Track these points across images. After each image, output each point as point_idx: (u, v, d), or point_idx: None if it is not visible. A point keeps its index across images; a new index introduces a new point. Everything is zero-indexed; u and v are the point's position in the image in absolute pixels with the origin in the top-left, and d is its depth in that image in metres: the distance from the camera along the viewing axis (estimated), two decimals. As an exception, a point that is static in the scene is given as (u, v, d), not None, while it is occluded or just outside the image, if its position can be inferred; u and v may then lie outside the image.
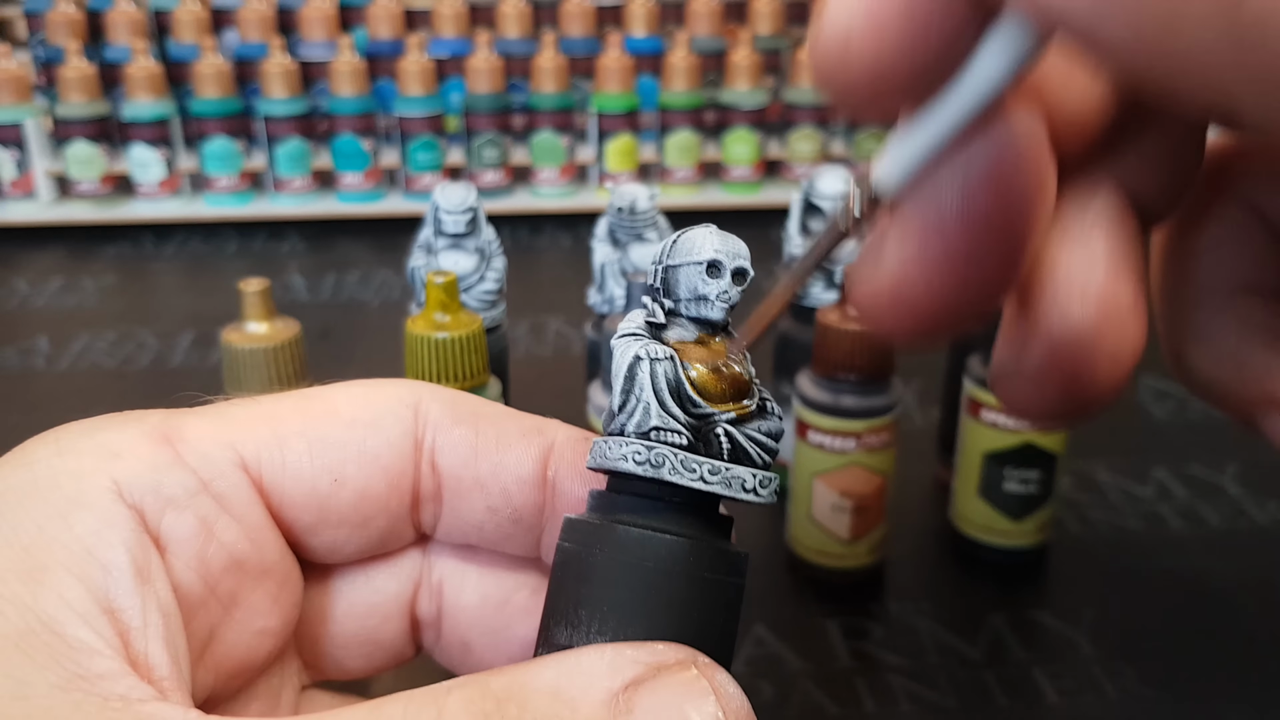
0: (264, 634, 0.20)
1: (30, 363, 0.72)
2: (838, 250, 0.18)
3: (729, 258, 0.19)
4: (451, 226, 0.46)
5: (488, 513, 0.22)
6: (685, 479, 0.18)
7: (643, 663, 0.17)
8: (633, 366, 0.19)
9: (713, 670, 0.17)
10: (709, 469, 0.18)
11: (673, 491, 0.19)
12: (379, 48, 1.05)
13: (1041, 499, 0.49)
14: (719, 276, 0.19)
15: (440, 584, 0.23)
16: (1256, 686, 0.43)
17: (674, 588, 0.18)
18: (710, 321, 0.19)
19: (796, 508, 0.48)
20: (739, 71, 1.01)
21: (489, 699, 0.16)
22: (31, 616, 0.16)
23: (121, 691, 0.16)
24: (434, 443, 0.21)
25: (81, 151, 0.98)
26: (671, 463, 0.18)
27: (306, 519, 0.21)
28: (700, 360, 0.19)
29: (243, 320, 0.40)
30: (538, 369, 0.70)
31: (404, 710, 0.16)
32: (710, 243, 0.19)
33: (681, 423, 0.19)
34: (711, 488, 0.18)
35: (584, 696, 0.16)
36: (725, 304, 0.19)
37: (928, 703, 0.42)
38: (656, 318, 0.20)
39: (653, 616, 0.18)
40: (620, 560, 0.18)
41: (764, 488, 0.19)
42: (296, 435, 0.20)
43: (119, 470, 0.18)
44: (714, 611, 0.18)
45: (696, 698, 0.17)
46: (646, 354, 0.19)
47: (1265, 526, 0.54)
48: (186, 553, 0.19)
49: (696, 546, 0.18)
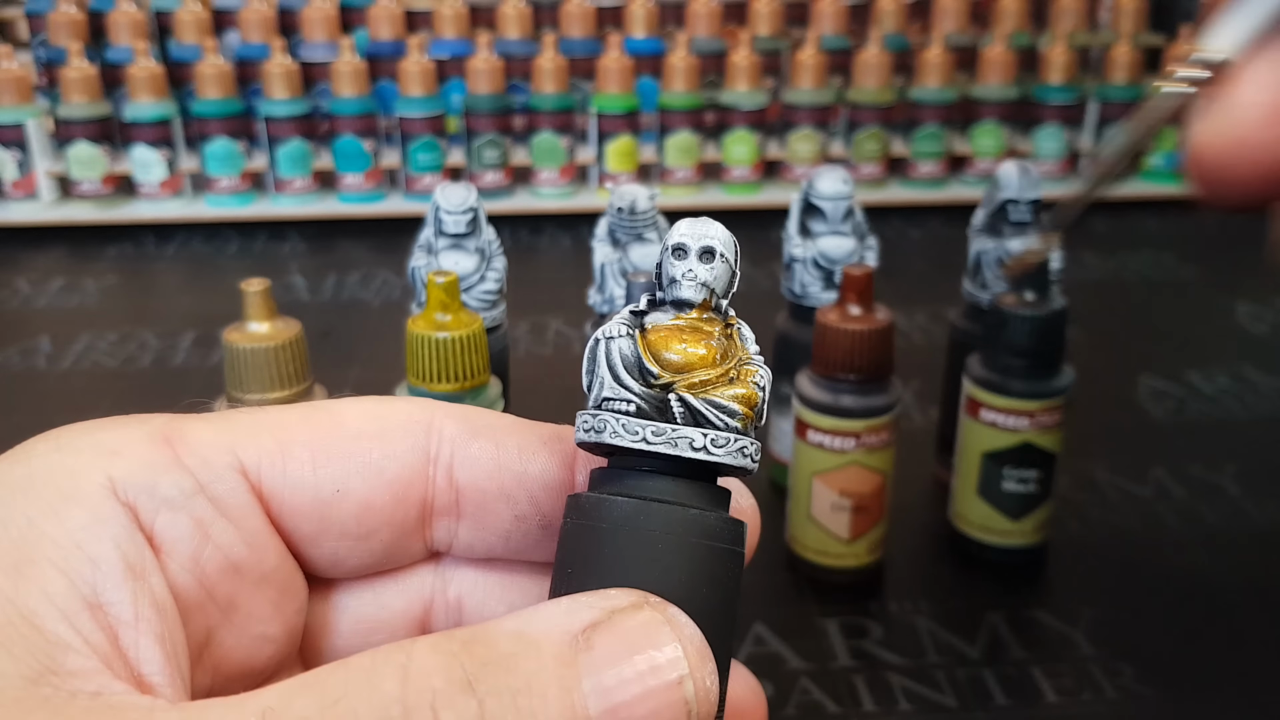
0: (264, 640, 0.20)
1: (32, 363, 0.72)
2: (1177, 118, 0.18)
3: (694, 239, 0.20)
4: (452, 227, 0.46)
5: (515, 522, 0.22)
6: (626, 440, 0.19)
7: (597, 607, 0.18)
8: (593, 347, 0.20)
9: (664, 606, 0.18)
10: (653, 430, 0.19)
11: (646, 460, 0.20)
12: (380, 49, 1.05)
13: (1040, 498, 0.49)
14: (684, 258, 0.20)
15: (459, 600, 0.23)
16: (1255, 686, 0.43)
17: (658, 550, 0.19)
18: (684, 301, 0.20)
19: (796, 507, 0.49)
20: (739, 72, 1.02)
21: (454, 640, 0.17)
22: (11, 609, 0.16)
23: (92, 689, 0.16)
24: (452, 457, 0.21)
25: (83, 152, 0.98)
26: (612, 426, 0.19)
27: (307, 528, 0.21)
28: (667, 336, 0.20)
29: (244, 320, 0.40)
30: (538, 369, 0.70)
31: (371, 659, 0.16)
32: (679, 229, 0.21)
33: (635, 393, 0.20)
34: (654, 447, 0.19)
35: (546, 637, 0.17)
36: (691, 281, 0.20)
37: (927, 702, 0.42)
38: (639, 306, 0.21)
39: (598, 570, 0.19)
40: (574, 523, 0.19)
41: (717, 446, 0.19)
42: (300, 444, 0.20)
43: (115, 468, 0.18)
44: (701, 575, 0.19)
45: (654, 631, 0.17)
46: (603, 334, 0.20)
47: (1264, 526, 0.54)
48: (181, 553, 0.19)
49: (646, 506, 0.19)
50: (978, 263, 0.53)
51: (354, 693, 0.16)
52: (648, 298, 0.21)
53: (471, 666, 0.16)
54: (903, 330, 0.77)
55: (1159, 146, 1.08)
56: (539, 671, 0.16)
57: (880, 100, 1.03)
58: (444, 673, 0.16)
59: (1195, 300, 0.85)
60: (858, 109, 1.04)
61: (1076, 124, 1.07)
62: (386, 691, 0.16)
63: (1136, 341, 0.77)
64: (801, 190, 0.54)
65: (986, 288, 0.53)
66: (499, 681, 0.16)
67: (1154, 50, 1.12)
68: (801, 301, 0.53)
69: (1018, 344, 0.47)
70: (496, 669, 0.16)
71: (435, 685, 0.16)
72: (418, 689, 0.16)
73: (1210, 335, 0.78)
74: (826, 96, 1.03)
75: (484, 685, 0.16)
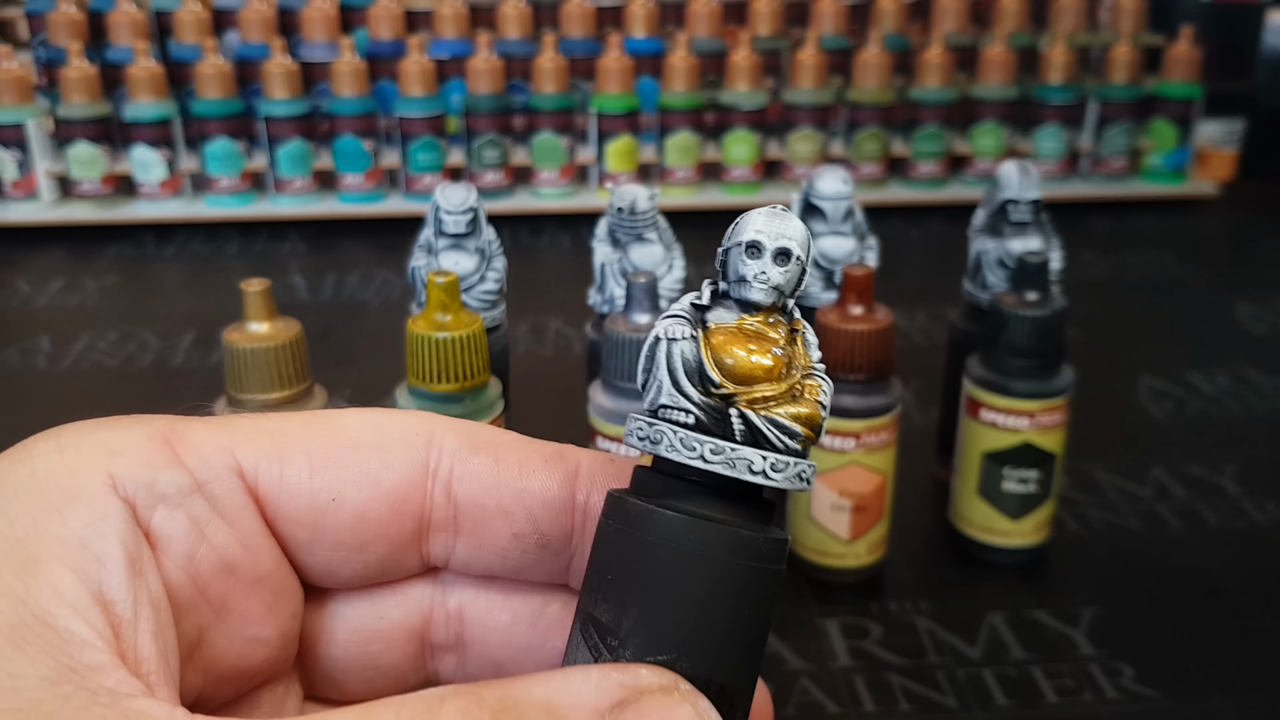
0: (257, 643, 0.20)
1: (32, 363, 0.72)
2: None
3: (770, 238, 0.19)
4: (452, 227, 0.46)
5: (513, 540, 0.21)
6: (683, 456, 0.18)
7: (626, 686, 0.17)
8: (653, 346, 0.19)
9: (695, 696, 0.18)
10: (711, 448, 0.18)
11: (683, 471, 0.19)
12: (380, 49, 1.05)
13: (1040, 498, 0.49)
14: (758, 257, 0.19)
15: (460, 610, 0.23)
16: (1255, 686, 0.43)
17: (668, 561, 0.18)
18: (751, 303, 0.19)
19: (796, 507, 0.49)
20: (739, 72, 1.02)
21: (484, 708, 0.16)
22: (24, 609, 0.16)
23: (111, 685, 0.16)
24: (451, 472, 0.21)
25: (83, 152, 0.98)
26: (669, 439, 0.18)
27: (301, 535, 0.20)
28: (731, 342, 0.19)
29: (244, 320, 0.40)
30: (538, 369, 0.70)
31: (396, 714, 0.16)
32: (754, 223, 0.19)
33: (695, 402, 0.18)
34: (712, 467, 0.18)
35: (576, 713, 0.17)
36: (763, 285, 0.19)
37: (927, 702, 0.42)
38: (702, 300, 0.19)
39: (643, 584, 0.18)
40: (621, 530, 0.18)
41: (776, 471, 0.19)
42: (299, 451, 0.20)
43: (115, 465, 0.18)
44: (746, 597, 0.18)
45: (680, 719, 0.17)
46: (665, 334, 0.19)
47: (1264, 526, 0.54)
48: (176, 551, 0.19)
49: (695, 524, 0.18)
50: (978, 263, 0.53)
51: None
52: (710, 289, 0.20)
53: None
54: (903, 330, 0.77)
55: (1159, 146, 1.08)
56: None
57: (880, 100, 1.03)
58: None
59: (1195, 300, 0.85)
60: (858, 109, 1.04)
61: (1076, 124, 1.07)
62: None
63: (1136, 341, 0.77)
64: (801, 190, 0.54)
65: (986, 288, 0.53)
66: None
67: (1154, 50, 1.12)
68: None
69: (1018, 344, 0.47)
70: None
71: None
72: None
73: (1210, 335, 0.78)
74: (826, 96, 1.03)
75: None
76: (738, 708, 0.19)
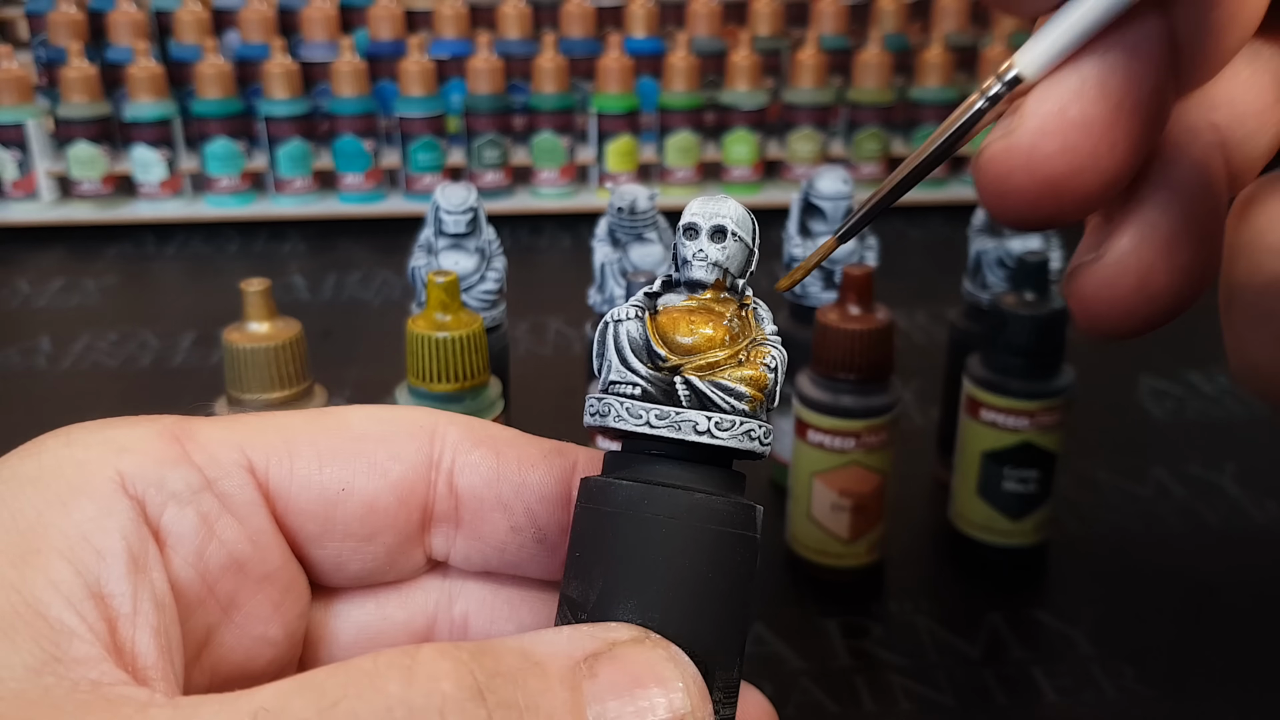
0: (264, 641, 0.20)
1: (32, 363, 0.72)
2: (964, 137, 0.19)
3: (705, 218, 0.20)
4: (452, 227, 0.46)
5: (511, 533, 0.22)
6: (629, 424, 0.19)
7: (599, 638, 0.18)
8: (602, 330, 0.20)
9: (664, 644, 0.18)
10: (656, 414, 0.19)
11: (658, 443, 0.19)
12: (380, 48, 1.05)
13: (1040, 498, 0.49)
14: (695, 238, 0.20)
15: (465, 617, 0.23)
16: (1255, 686, 0.43)
17: (661, 535, 0.18)
18: (696, 281, 0.20)
19: (796, 507, 0.49)
20: (739, 72, 1.02)
21: (462, 649, 0.16)
22: (17, 598, 0.16)
23: (94, 677, 0.16)
24: (453, 464, 0.21)
25: (83, 152, 0.98)
26: (616, 410, 0.19)
27: (311, 528, 0.21)
28: (676, 317, 0.20)
29: (244, 320, 0.40)
30: (538, 369, 0.70)
31: (374, 661, 0.16)
32: (691, 207, 0.20)
33: (642, 375, 0.19)
34: (658, 430, 0.19)
35: (551, 659, 0.17)
36: (702, 262, 0.20)
37: (927, 702, 0.42)
38: (653, 287, 0.20)
39: (604, 556, 0.19)
40: (583, 507, 0.19)
41: (722, 430, 0.19)
42: (306, 445, 0.21)
43: (125, 463, 0.19)
44: (706, 561, 0.19)
45: (658, 666, 0.17)
46: (612, 316, 0.20)
47: (1264, 526, 0.54)
48: (185, 548, 0.19)
49: (651, 491, 0.19)
50: (978, 263, 0.53)
51: (355, 694, 0.15)
52: (662, 279, 0.20)
53: (482, 676, 0.16)
54: (903, 330, 0.77)
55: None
56: (545, 691, 0.16)
57: (880, 100, 1.03)
58: (453, 678, 0.16)
59: (1195, 300, 0.85)
60: (858, 109, 1.04)
61: (1076, 124, 1.07)
62: (390, 693, 0.15)
63: (1136, 341, 0.77)
64: (801, 190, 0.54)
65: (986, 288, 0.53)
66: (508, 695, 0.16)
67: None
68: (801, 301, 0.53)
69: (1018, 344, 0.47)
70: (505, 682, 0.16)
71: (444, 689, 0.16)
72: (425, 691, 0.16)
73: (1210, 335, 0.78)
74: (826, 96, 1.03)
75: (494, 697, 0.16)
76: (716, 676, 0.19)
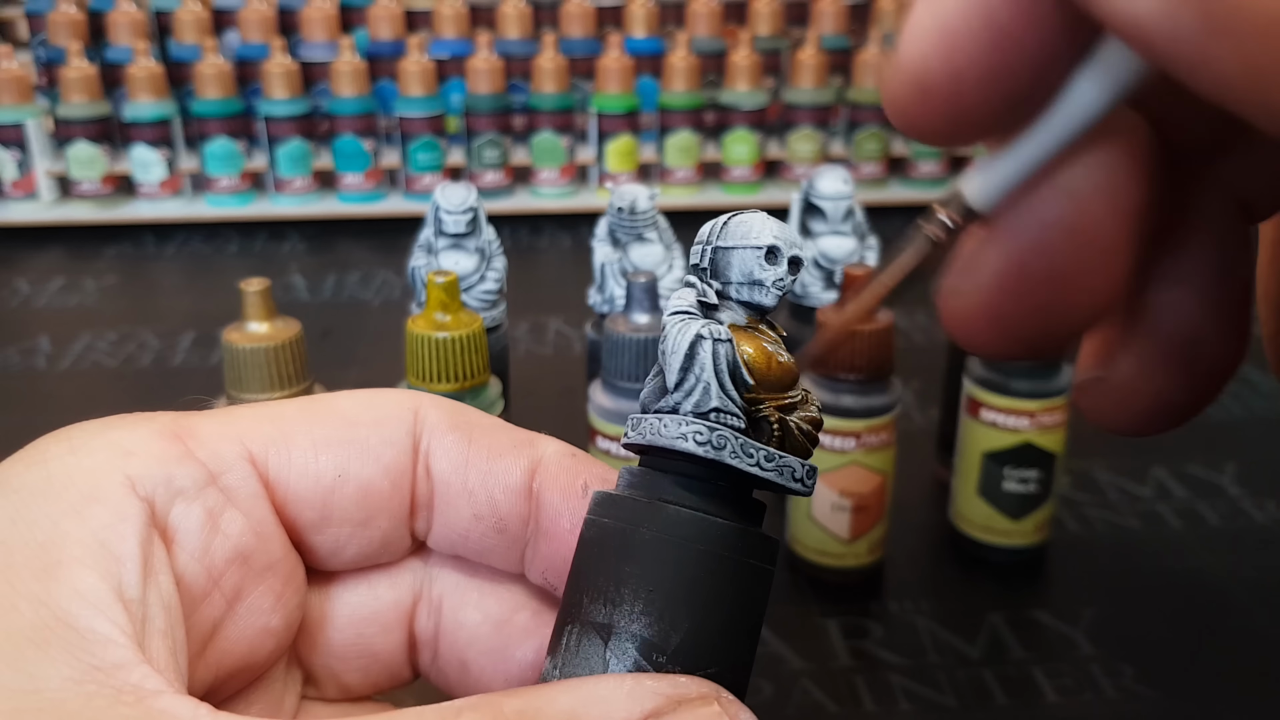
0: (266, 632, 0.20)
1: (32, 363, 0.72)
2: (925, 271, 0.18)
3: (787, 245, 0.19)
4: (452, 226, 0.46)
5: (473, 521, 0.22)
6: (744, 464, 0.18)
7: (663, 694, 0.16)
8: (694, 345, 0.18)
9: (736, 708, 0.17)
10: (765, 455, 0.18)
11: (722, 474, 0.18)
12: (380, 48, 1.05)
13: (1041, 498, 0.49)
14: (777, 263, 0.19)
15: (440, 600, 0.23)
16: (1255, 686, 0.43)
17: (722, 572, 0.18)
18: (761, 307, 0.19)
19: (796, 507, 0.49)
20: (739, 72, 1.02)
21: (504, 710, 0.16)
22: (45, 611, 0.16)
23: (135, 681, 0.16)
24: (429, 447, 0.21)
25: (83, 152, 0.98)
26: (733, 446, 0.18)
27: (310, 515, 0.21)
28: (752, 345, 0.19)
29: (244, 320, 0.40)
30: (538, 369, 0.70)
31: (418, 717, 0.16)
32: (769, 228, 0.19)
33: (740, 407, 0.18)
34: (766, 475, 0.18)
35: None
36: (779, 291, 0.19)
37: (927, 702, 0.42)
38: (708, 298, 0.19)
39: (696, 599, 0.18)
40: (670, 540, 0.18)
41: (810, 479, 0.19)
42: (302, 433, 0.21)
43: (132, 466, 0.19)
44: (753, 596, 0.18)
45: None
46: (709, 334, 0.18)
47: (1264, 526, 0.54)
48: (192, 544, 0.19)
49: (746, 533, 0.18)
50: (978, 263, 0.53)
51: None
52: (716, 290, 0.19)
53: None
54: (903, 330, 0.77)
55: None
56: None
57: (880, 100, 1.03)
58: None
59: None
60: (858, 109, 1.04)
61: (1076, 124, 1.07)
62: None
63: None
64: (801, 190, 0.54)
65: (986, 288, 0.52)
66: None
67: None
68: (802, 301, 0.53)
69: (1018, 344, 0.47)
70: None
71: None
72: None
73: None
74: (826, 96, 1.03)
75: None
76: None
